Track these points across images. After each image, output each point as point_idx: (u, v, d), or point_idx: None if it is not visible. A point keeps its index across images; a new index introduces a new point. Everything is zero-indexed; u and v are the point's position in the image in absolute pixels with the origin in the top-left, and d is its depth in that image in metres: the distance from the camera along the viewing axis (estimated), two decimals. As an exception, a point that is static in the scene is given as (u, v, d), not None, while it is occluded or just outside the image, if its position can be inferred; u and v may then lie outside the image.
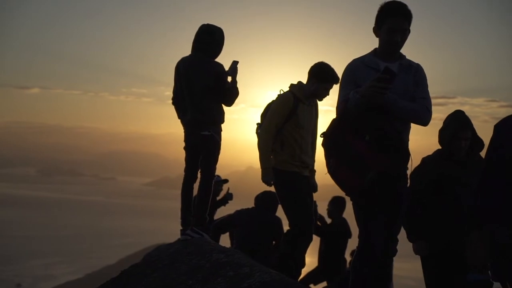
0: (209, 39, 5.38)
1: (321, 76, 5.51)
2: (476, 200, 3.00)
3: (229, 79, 5.42)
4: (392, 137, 3.80)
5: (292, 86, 5.63)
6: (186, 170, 5.54)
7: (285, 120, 5.48)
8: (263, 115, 5.72)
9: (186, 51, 5.59)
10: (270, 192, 6.74)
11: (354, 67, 4.02)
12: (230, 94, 5.40)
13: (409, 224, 4.90)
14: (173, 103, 5.64)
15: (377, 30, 3.97)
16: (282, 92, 5.63)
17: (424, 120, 3.94)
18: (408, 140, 4.04)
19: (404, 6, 3.89)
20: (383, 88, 3.67)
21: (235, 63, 5.44)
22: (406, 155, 3.92)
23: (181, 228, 5.49)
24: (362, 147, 3.73)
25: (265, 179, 5.52)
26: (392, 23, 3.87)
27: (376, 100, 3.71)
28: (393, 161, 3.81)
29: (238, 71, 5.46)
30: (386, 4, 3.91)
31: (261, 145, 5.53)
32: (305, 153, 5.57)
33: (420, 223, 4.89)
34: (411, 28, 3.91)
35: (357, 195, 3.93)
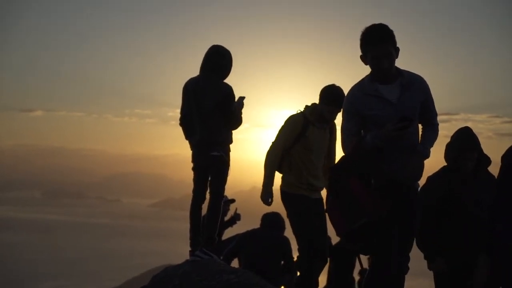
0: (220, 60, 5.41)
1: (325, 98, 5.45)
2: (496, 225, 2.98)
3: None
4: (402, 188, 3.89)
5: (306, 107, 5.59)
6: (194, 191, 5.51)
7: (294, 142, 5.45)
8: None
9: (189, 71, 5.68)
10: (274, 212, 6.74)
11: (353, 98, 3.95)
12: (235, 118, 5.39)
13: (424, 243, 4.88)
14: (181, 124, 5.61)
15: (364, 59, 3.89)
16: (297, 112, 5.60)
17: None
18: (418, 187, 4.10)
19: (382, 31, 3.79)
20: (403, 131, 3.72)
21: (241, 99, 5.45)
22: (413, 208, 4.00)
23: (190, 249, 5.45)
24: (363, 192, 3.73)
25: (263, 198, 5.51)
26: (375, 51, 3.77)
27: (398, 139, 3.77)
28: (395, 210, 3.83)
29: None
30: (364, 33, 3.82)
31: (265, 164, 5.53)
32: (314, 176, 5.50)
33: (434, 240, 4.87)
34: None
35: (344, 239, 4.00)
